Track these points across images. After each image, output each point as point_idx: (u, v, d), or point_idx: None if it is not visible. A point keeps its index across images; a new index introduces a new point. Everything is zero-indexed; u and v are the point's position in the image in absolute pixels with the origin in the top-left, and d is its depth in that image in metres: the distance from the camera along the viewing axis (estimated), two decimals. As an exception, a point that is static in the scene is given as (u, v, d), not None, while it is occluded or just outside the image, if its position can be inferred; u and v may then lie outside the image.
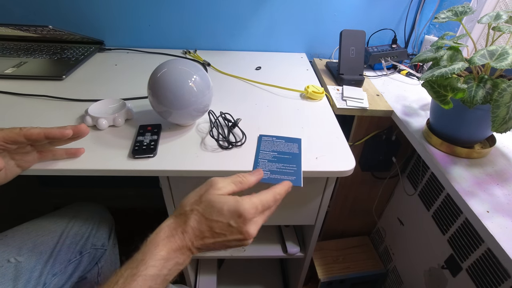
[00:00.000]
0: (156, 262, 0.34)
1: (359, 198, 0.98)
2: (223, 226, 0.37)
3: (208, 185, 0.39)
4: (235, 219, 0.37)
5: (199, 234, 0.37)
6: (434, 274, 0.75)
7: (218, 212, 0.37)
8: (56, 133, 0.46)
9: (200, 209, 0.37)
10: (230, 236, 0.37)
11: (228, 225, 0.37)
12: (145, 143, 0.54)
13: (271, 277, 1.02)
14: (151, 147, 0.53)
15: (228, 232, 0.37)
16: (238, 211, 0.36)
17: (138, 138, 0.55)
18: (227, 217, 0.37)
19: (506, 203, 0.49)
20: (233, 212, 0.37)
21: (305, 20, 0.95)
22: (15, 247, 0.54)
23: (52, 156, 0.51)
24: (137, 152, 0.52)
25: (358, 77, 0.81)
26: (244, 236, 0.37)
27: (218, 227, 0.37)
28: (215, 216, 0.37)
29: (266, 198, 0.39)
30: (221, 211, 0.37)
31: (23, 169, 0.49)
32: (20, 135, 0.44)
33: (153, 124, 0.59)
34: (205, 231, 0.37)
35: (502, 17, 0.50)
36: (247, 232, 0.37)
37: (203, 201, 0.38)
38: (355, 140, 0.83)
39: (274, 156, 0.54)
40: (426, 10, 0.94)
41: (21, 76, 0.75)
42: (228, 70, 0.85)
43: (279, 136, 0.59)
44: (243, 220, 0.37)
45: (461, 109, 0.53)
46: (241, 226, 0.37)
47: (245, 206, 0.37)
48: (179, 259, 0.36)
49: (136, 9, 0.91)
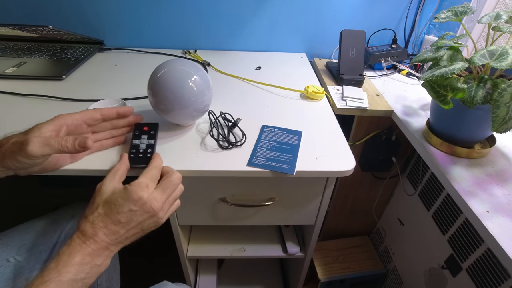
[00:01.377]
0: (70, 268, 0.37)
1: (359, 198, 0.97)
2: (126, 214, 0.41)
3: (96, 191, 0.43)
4: (133, 204, 0.41)
5: (110, 232, 0.40)
6: (434, 274, 0.75)
7: (116, 205, 0.41)
8: (126, 110, 0.52)
9: (101, 210, 0.41)
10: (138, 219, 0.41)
11: (130, 211, 0.41)
12: (141, 149, 0.51)
13: (271, 277, 1.02)
14: (147, 155, 0.50)
15: (134, 216, 0.41)
16: (131, 197, 0.41)
17: (134, 142, 0.52)
18: (125, 206, 0.40)
19: (506, 203, 0.49)
20: (128, 199, 0.41)
21: (305, 20, 0.95)
22: (14, 247, 0.54)
23: (100, 146, 0.53)
24: (134, 161, 0.49)
25: (358, 77, 0.81)
26: (152, 213, 0.41)
27: (123, 217, 0.40)
28: (115, 209, 0.40)
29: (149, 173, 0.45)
30: (118, 203, 0.41)
31: (73, 160, 0.50)
32: (97, 112, 0.49)
33: (150, 124, 0.55)
34: (114, 227, 0.40)
35: (502, 17, 0.50)
36: (151, 208, 0.41)
37: (99, 203, 0.41)
38: (355, 140, 0.83)
39: (273, 145, 0.57)
40: (426, 10, 0.94)
41: (21, 76, 0.75)
42: (228, 70, 0.85)
43: (281, 128, 0.61)
44: (140, 202, 0.41)
45: (461, 109, 0.53)
46: (142, 206, 0.41)
47: (134, 189, 0.41)
48: (97, 261, 0.39)
49: (136, 9, 0.91)
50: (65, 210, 0.66)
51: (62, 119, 0.46)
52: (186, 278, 0.83)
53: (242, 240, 0.78)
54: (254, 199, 0.61)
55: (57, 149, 0.42)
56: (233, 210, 0.63)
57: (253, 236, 0.80)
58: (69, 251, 0.38)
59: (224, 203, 0.60)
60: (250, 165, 0.52)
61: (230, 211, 0.63)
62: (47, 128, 0.43)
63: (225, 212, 0.64)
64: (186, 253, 0.75)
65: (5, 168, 0.42)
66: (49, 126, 0.44)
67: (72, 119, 0.47)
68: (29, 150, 0.40)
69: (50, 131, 0.43)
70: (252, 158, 0.53)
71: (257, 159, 0.53)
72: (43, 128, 0.43)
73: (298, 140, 0.58)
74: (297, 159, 0.54)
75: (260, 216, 0.65)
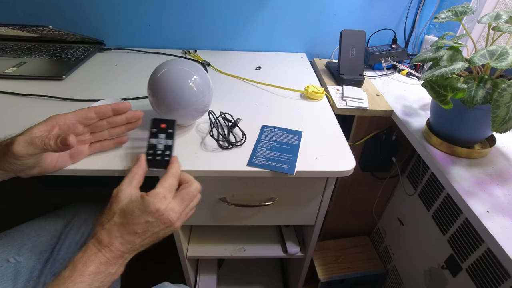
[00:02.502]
0: (84, 278, 0.36)
1: (359, 198, 0.97)
2: (142, 226, 0.40)
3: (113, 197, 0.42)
4: (150, 215, 0.40)
5: (125, 242, 0.40)
6: (434, 274, 0.75)
7: (132, 216, 0.40)
8: (121, 106, 0.50)
9: (117, 220, 0.40)
10: (154, 229, 0.41)
11: (146, 222, 0.40)
12: (158, 150, 0.49)
13: (271, 277, 1.02)
14: (165, 158, 0.48)
15: (150, 227, 0.40)
16: (148, 208, 0.40)
17: (151, 141, 0.49)
18: (142, 217, 0.40)
19: (506, 203, 0.49)
20: (144, 210, 0.40)
21: (305, 20, 0.95)
22: (14, 247, 0.54)
23: (101, 147, 0.52)
24: (151, 163, 0.47)
25: (358, 77, 0.81)
26: (169, 224, 0.41)
27: (139, 228, 0.40)
28: (131, 220, 0.40)
29: (167, 182, 0.43)
30: (134, 214, 0.40)
31: (73, 161, 0.50)
32: (91, 110, 0.48)
33: (167, 120, 0.52)
34: (129, 237, 0.40)
35: (502, 17, 0.50)
36: (168, 220, 0.41)
37: (116, 211, 0.41)
38: (355, 140, 0.83)
39: (273, 146, 0.57)
40: (426, 10, 0.94)
41: (21, 76, 0.75)
42: (228, 70, 0.85)
43: (281, 128, 0.61)
44: (158, 213, 0.40)
45: (461, 109, 0.53)
46: (159, 217, 0.40)
47: (151, 200, 0.40)
48: (111, 269, 0.39)
49: (136, 9, 0.91)
50: (65, 210, 0.66)
51: (54, 119, 0.45)
52: (186, 278, 0.83)
53: (242, 240, 0.78)
54: (254, 199, 0.61)
55: (41, 147, 0.40)
56: (233, 210, 0.63)
57: (253, 236, 0.80)
58: (84, 260, 0.38)
59: (224, 203, 0.60)
60: (250, 165, 0.52)
61: (230, 211, 0.63)
62: (38, 129, 0.43)
63: (225, 212, 0.64)
64: (186, 253, 0.75)
65: (3, 171, 0.42)
66: (41, 127, 0.43)
67: (65, 118, 0.46)
68: (14, 150, 0.39)
69: (41, 131, 0.43)
70: (252, 158, 0.53)
71: (257, 159, 0.53)
72: (34, 129, 0.42)
73: (298, 140, 0.58)
74: (297, 159, 0.54)
75: (260, 216, 0.65)
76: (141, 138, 0.57)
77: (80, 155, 0.50)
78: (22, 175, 0.45)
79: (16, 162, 0.41)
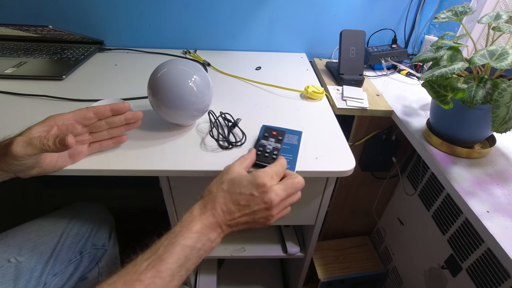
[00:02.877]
0: (192, 235, 0.38)
1: (359, 198, 0.98)
2: (246, 197, 0.41)
3: (224, 171, 0.45)
4: (256, 189, 0.41)
5: (227, 210, 0.41)
6: (434, 274, 0.75)
7: (240, 186, 0.42)
8: (120, 106, 0.50)
9: (225, 187, 0.42)
10: (255, 207, 0.41)
11: (251, 195, 0.41)
12: (267, 149, 0.53)
13: (271, 277, 1.02)
14: (273, 157, 0.52)
15: (252, 202, 0.41)
16: (256, 181, 0.41)
17: (261, 142, 0.55)
18: (248, 188, 0.41)
19: (506, 203, 0.49)
20: (252, 182, 0.41)
21: (305, 20, 0.95)
22: (15, 247, 0.54)
23: (100, 147, 0.52)
24: (259, 158, 0.51)
25: (358, 77, 0.81)
26: (269, 205, 0.41)
27: (242, 199, 0.41)
28: (238, 189, 0.41)
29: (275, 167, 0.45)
30: (242, 184, 0.42)
31: (73, 161, 0.50)
32: (89, 110, 0.48)
33: (279, 129, 0.59)
34: (232, 206, 0.41)
35: (502, 17, 0.50)
36: (269, 200, 0.41)
37: (225, 180, 0.43)
38: (355, 140, 0.83)
39: None
40: (426, 10, 0.94)
41: (21, 76, 0.75)
42: (228, 70, 0.85)
43: (280, 127, 0.61)
44: (263, 189, 0.41)
45: (461, 109, 0.53)
46: (263, 194, 0.41)
47: (260, 175, 0.42)
48: (211, 235, 0.39)
49: (136, 9, 0.91)
50: (65, 210, 0.66)
51: (53, 119, 0.45)
52: (186, 278, 0.83)
53: (242, 240, 0.78)
54: (254, 199, 0.61)
55: (39, 148, 0.41)
56: (233, 210, 0.62)
57: (253, 236, 0.80)
58: (191, 219, 0.39)
59: (224, 203, 0.60)
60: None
61: (230, 211, 0.63)
62: (37, 129, 0.43)
63: (225, 212, 0.64)
64: (186, 253, 0.75)
65: (3, 172, 0.43)
66: (40, 127, 0.43)
67: (63, 118, 0.46)
68: (13, 150, 0.40)
69: (40, 131, 0.43)
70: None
71: None
72: (33, 129, 0.43)
73: (298, 140, 0.58)
74: (297, 159, 0.54)
75: (260, 216, 0.65)
76: (143, 138, 0.57)
77: (80, 155, 0.50)
78: (22, 176, 0.45)
79: (15, 162, 0.41)
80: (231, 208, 0.41)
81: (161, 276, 0.34)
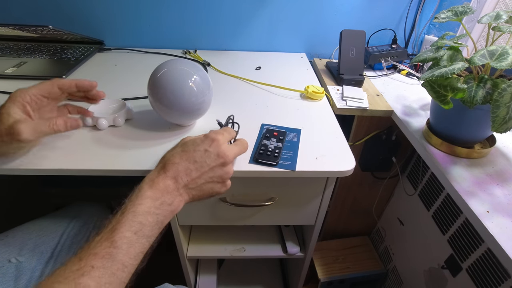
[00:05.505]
0: (142, 201, 0.37)
1: (359, 198, 0.98)
2: (201, 153, 0.42)
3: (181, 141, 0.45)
4: (209, 144, 0.42)
5: (183, 170, 0.41)
6: (434, 274, 0.75)
7: (194, 144, 0.43)
8: (86, 83, 0.52)
9: (178, 149, 0.43)
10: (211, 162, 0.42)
11: (205, 150, 0.42)
12: (270, 148, 0.55)
13: (271, 277, 1.02)
14: (275, 155, 0.53)
15: (207, 157, 0.42)
16: (208, 137, 0.43)
17: (263, 142, 0.56)
18: (201, 145, 0.42)
19: (506, 203, 0.49)
20: (204, 139, 0.43)
21: (305, 20, 0.95)
22: (16, 247, 0.54)
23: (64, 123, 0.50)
24: (261, 157, 0.53)
25: (358, 77, 0.81)
26: (223, 159, 0.42)
27: (198, 155, 0.42)
28: (192, 147, 0.42)
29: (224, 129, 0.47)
30: (196, 142, 0.43)
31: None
32: (54, 85, 0.49)
33: (279, 130, 0.60)
34: (188, 164, 0.41)
35: (502, 17, 0.50)
36: (224, 153, 0.42)
37: (179, 144, 0.44)
38: (355, 140, 0.83)
39: None
40: (426, 10, 0.94)
41: (21, 76, 0.75)
42: (228, 70, 0.85)
43: (280, 126, 0.62)
44: (216, 143, 0.43)
45: (461, 109, 0.54)
46: (217, 149, 0.42)
47: (211, 133, 0.44)
48: (166, 198, 0.39)
49: (136, 9, 0.91)
50: (66, 210, 0.66)
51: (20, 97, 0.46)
52: (186, 278, 0.83)
53: (242, 240, 0.79)
54: (254, 199, 0.61)
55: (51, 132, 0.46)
56: (233, 210, 0.63)
57: (253, 236, 0.80)
58: (141, 186, 0.39)
59: (224, 203, 0.60)
60: (252, 163, 0.52)
61: (230, 211, 0.63)
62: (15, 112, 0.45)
63: (225, 212, 0.64)
64: (186, 253, 0.75)
65: None
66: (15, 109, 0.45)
67: (29, 94, 0.47)
68: (24, 138, 0.43)
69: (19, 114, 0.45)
70: (253, 156, 0.53)
71: None
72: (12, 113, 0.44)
73: (297, 137, 0.59)
74: (297, 156, 0.54)
75: (260, 216, 0.65)
76: (143, 138, 0.57)
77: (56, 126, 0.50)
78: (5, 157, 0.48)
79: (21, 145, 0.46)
80: (188, 166, 0.41)
81: (116, 245, 0.34)
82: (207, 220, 0.65)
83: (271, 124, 0.63)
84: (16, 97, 0.46)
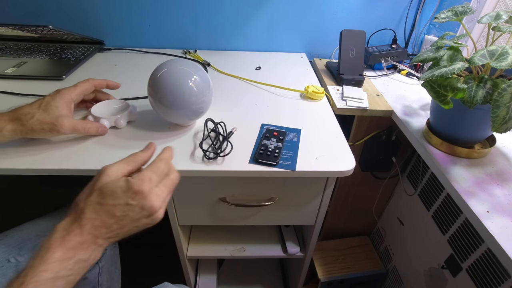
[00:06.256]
0: (48, 266, 0.32)
1: (359, 198, 0.98)
2: (122, 207, 0.36)
3: (98, 174, 0.38)
4: (132, 197, 0.36)
5: (100, 224, 0.36)
6: (434, 274, 0.75)
7: (112, 196, 0.36)
8: (114, 84, 0.62)
9: (94, 199, 0.36)
10: (135, 215, 0.37)
11: (126, 204, 0.36)
12: (270, 148, 0.55)
13: (271, 277, 1.02)
14: (275, 155, 0.53)
15: (130, 211, 0.36)
16: (131, 189, 0.36)
17: (263, 142, 0.56)
18: (123, 198, 0.36)
19: (506, 203, 0.49)
20: (126, 191, 0.36)
21: (305, 20, 0.95)
22: (15, 247, 0.54)
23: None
24: (261, 157, 0.53)
25: (358, 77, 0.81)
26: (149, 212, 0.37)
27: (117, 210, 0.36)
28: (111, 200, 0.36)
29: (156, 166, 0.39)
30: (115, 194, 0.36)
31: None
32: (92, 84, 0.58)
33: (279, 131, 0.60)
34: (106, 219, 0.36)
35: (502, 17, 0.50)
36: (150, 206, 0.37)
37: (95, 190, 0.36)
38: (355, 140, 0.83)
39: None
40: (426, 10, 0.94)
41: (21, 76, 0.75)
42: (228, 70, 0.85)
43: (280, 126, 0.62)
44: (141, 195, 0.36)
45: (461, 109, 0.53)
46: (141, 202, 0.36)
47: (136, 181, 0.36)
48: (81, 255, 0.35)
49: (136, 9, 0.91)
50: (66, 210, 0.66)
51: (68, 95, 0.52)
52: (186, 278, 0.83)
53: (242, 240, 0.79)
54: (254, 199, 0.61)
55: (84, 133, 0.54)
56: (233, 210, 0.63)
57: (253, 236, 0.80)
58: (48, 246, 0.33)
59: (224, 203, 0.60)
60: (252, 163, 0.52)
61: (230, 211, 0.63)
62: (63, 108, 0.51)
63: (225, 212, 0.64)
64: (186, 253, 0.75)
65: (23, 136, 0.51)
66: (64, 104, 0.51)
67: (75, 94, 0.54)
68: (62, 131, 0.50)
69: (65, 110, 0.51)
70: (253, 156, 0.53)
71: None
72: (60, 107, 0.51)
73: (297, 137, 0.59)
74: (297, 156, 0.54)
75: (260, 216, 0.65)
76: (143, 138, 0.57)
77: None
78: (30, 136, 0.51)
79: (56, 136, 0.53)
80: (106, 221, 0.36)
81: None
82: (207, 220, 0.65)
83: (271, 124, 0.63)
84: (65, 94, 0.52)
